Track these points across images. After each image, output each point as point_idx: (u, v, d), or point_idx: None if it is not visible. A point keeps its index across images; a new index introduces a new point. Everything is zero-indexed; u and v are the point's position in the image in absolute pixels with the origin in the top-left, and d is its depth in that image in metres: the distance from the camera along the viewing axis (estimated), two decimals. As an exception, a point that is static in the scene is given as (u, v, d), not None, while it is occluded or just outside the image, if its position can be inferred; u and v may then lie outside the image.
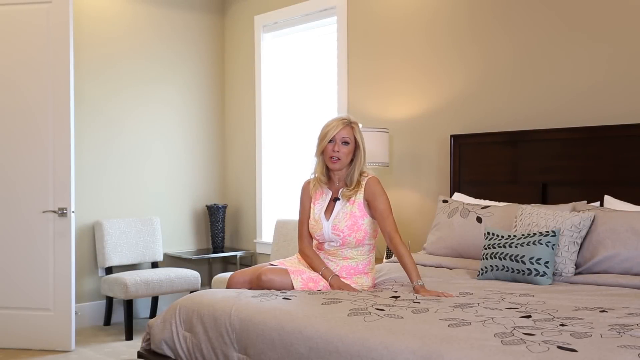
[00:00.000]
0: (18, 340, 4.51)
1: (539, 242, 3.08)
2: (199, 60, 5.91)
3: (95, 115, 5.28)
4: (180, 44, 5.78)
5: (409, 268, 2.99)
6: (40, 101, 4.48)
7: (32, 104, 4.49)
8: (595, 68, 3.63)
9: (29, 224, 4.49)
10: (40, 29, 4.47)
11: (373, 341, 2.14)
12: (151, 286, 4.90)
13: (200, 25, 5.92)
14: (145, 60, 5.56)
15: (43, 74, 4.47)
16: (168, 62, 5.70)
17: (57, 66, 4.46)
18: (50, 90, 4.46)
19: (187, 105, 5.83)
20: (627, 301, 2.58)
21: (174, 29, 5.73)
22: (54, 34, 4.45)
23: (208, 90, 5.98)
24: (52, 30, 4.46)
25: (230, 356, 2.57)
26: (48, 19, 4.46)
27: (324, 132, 3.14)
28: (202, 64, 5.94)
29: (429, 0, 4.41)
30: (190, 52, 5.85)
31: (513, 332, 2.12)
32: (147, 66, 5.57)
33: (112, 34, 5.37)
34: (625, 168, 3.44)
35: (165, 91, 5.68)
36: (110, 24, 5.36)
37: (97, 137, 5.29)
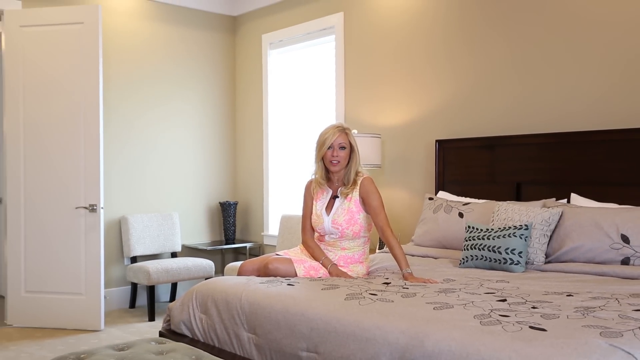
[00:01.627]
0: (54, 321, 4.53)
1: (513, 235, 3.10)
2: (213, 73, 5.92)
3: (121, 122, 5.29)
4: (196, 59, 5.78)
5: (399, 257, 3.00)
6: (73, 110, 4.49)
7: (67, 113, 4.50)
8: (563, 82, 3.64)
9: (63, 218, 4.51)
10: (74, 46, 4.49)
11: (367, 322, 2.15)
12: (171, 273, 4.91)
13: (214, 43, 5.92)
14: (165, 74, 5.56)
15: (76, 86, 4.49)
16: (185, 75, 5.71)
17: (88, 78, 4.47)
18: (82, 100, 4.48)
19: (202, 113, 5.83)
20: (590, 286, 2.60)
21: (191, 46, 5.74)
22: (85, 50, 4.47)
23: (221, 99, 5.99)
24: (84, 47, 4.47)
25: (241, 335, 2.58)
26: (80, 38, 4.48)
27: (322, 140, 3.14)
28: (215, 76, 5.94)
29: (410, 24, 4.42)
30: (205, 66, 5.85)
31: (490, 314, 2.13)
32: (167, 79, 5.58)
33: (136, 50, 5.38)
34: (589, 170, 3.45)
35: (182, 101, 5.68)
36: (134, 41, 5.37)
37: (123, 142, 5.29)
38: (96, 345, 3.86)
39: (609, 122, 3.45)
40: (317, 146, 3.16)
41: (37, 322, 4.56)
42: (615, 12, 3.41)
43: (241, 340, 2.57)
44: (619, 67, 3.41)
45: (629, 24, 3.36)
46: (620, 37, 3.39)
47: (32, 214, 4.56)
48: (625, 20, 3.37)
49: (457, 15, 4.18)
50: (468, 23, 4.11)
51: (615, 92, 3.42)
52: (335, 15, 5.01)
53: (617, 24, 3.40)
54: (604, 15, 3.46)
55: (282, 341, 2.38)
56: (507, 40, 3.90)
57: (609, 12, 3.43)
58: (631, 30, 3.35)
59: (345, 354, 2.14)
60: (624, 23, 3.38)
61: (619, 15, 3.40)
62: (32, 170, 4.55)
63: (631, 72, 3.36)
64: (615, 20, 3.41)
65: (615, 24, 3.41)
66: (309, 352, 2.28)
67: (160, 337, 2.60)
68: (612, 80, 3.44)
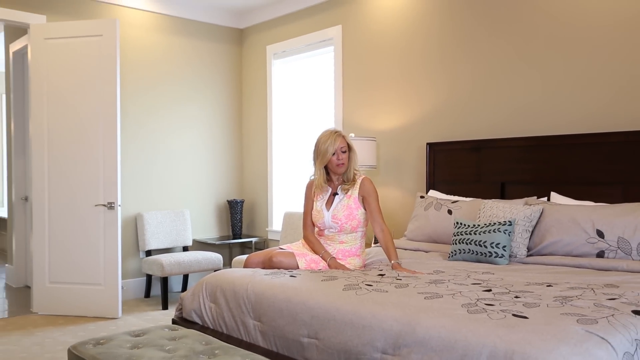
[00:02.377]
0: (76, 309, 4.54)
1: (498, 230, 3.10)
2: (221, 81, 5.92)
3: (137, 127, 5.29)
4: (206, 68, 5.79)
5: (390, 250, 3.03)
6: (93, 116, 4.50)
7: (87, 118, 4.51)
8: (543, 90, 3.64)
9: (84, 215, 4.52)
10: (93, 57, 4.50)
11: (363, 311, 2.16)
12: (182, 266, 4.92)
13: (223, 53, 5.93)
14: (177, 82, 5.57)
15: (95, 93, 4.50)
16: (196, 83, 5.71)
17: (107, 86, 4.48)
18: (101, 106, 4.49)
19: (211, 118, 5.84)
20: (568, 277, 2.60)
21: (202, 56, 5.74)
22: (104, 60, 4.48)
23: (228, 105, 5.99)
24: (103, 57, 4.48)
25: (247, 323, 2.59)
26: (100, 49, 4.49)
27: (324, 149, 3.10)
28: (223, 84, 5.94)
29: (403, 37, 4.43)
30: (214, 75, 5.86)
31: (477, 303, 2.13)
32: (179, 86, 5.58)
33: (151, 60, 5.38)
34: (567, 170, 3.45)
35: (193, 107, 5.69)
36: (149, 52, 5.37)
37: (138, 145, 5.30)
38: (114, 332, 3.87)
39: (585, 127, 3.46)
40: (320, 154, 3.13)
41: (60, 310, 4.57)
42: (593, 28, 3.41)
43: (247, 327, 2.58)
44: (595, 77, 3.41)
45: (604, 40, 3.36)
46: (596, 52, 3.40)
47: (56, 211, 4.57)
48: (601, 36, 3.38)
49: (446, 29, 4.18)
50: (457, 36, 4.12)
51: (591, 99, 3.43)
52: (334, 27, 5.01)
53: (594, 40, 3.41)
54: (582, 32, 3.46)
55: (285, 328, 2.38)
56: (492, 52, 3.91)
57: (587, 28, 3.44)
58: (606, 44, 3.36)
59: (343, 340, 2.15)
60: (600, 39, 3.38)
61: (596, 31, 3.40)
62: (56, 171, 4.56)
63: (605, 82, 3.36)
64: (592, 37, 3.42)
65: (592, 40, 3.42)
66: (309, 338, 2.29)
67: (173, 325, 2.61)
68: (588, 89, 3.44)
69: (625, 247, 2.84)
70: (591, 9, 3.41)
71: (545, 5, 3.63)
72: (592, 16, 3.41)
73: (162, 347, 2.23)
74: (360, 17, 4.81)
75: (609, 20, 3.34)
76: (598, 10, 3.39)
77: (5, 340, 3.90)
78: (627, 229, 2.85)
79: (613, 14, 3.33)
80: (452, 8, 4.14)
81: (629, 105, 3.28)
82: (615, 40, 3.32)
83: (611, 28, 3.34)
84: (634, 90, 3.26)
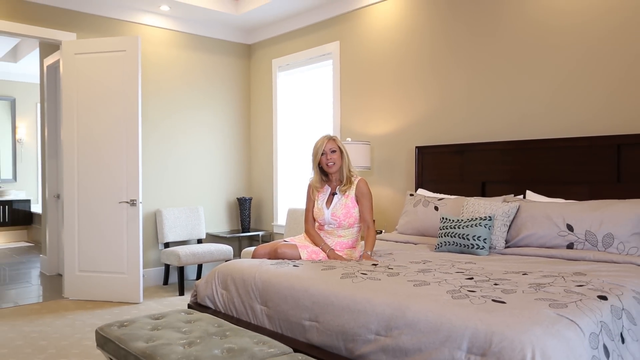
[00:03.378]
0: (102, 295, 4.55)
1: (479, 224, 3.11)
2: (232, 91, 5.93)
3: (156, 132, 5.30)
4: (218, 79, 5.79)
5: (368, 243, 3.06)
6: (117, 122, 4.51)
7: (112, 124, 4.52)
8: (519, 100, 3.65)
9: (109, 211, 4.53)
10: (118, 70, 4.51)
11: (359, 296, 2.16)
12: (197, 256, 4.92)
13: (233, 66, 5.93)
14: (192, 91, 5.57)
15: (119, 101, 4.50)
16: (209, 92, 5.71)
17: (129, 96, 4.48)
18: (124, 113, 4.49)
19: (223, 123, 5.84)
20: (541, 267, 2.61)
21: (214, 69, 5.74)
22: (127, 73, 4.48)
23: (238, 112, 5.99)
24: (126, 70, 4.49)
25: (255, 308, 2.59)
26: (123, 63, 4.49)
27: (315, 150, 3.14)
28: (234, 93, 5.95)
29: (394, 52, 4.43)
30: (226, 85, 5.86)
31: (460, 289, 2.14)
32: (194, 95, 5.58)
33: (168, 72, 5.39)
34: (541, 171, 3.46)
35: (206, 114, 5.69)
36: (167, 65, 5.37)
37: (158, 148, 5.31)
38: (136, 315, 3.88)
39: (556, 132, 3.46)
40: (313, 156, 3.17)
41: (88, 296, 4.58)
42: (562, 51, 3.42)
43: (255, 311, 2.59)
44: (565, 91, 3.42)
45: (572, 61, 3.37)
46: (564, 70, 3.40)
47: (84, 208, 4.57)
48: (569, 58, 3.38)
49: (433, 47, 4.18)
50: (443, 53, 4.12)
51: (561, 109, 3.43)
52: (333, 43, 5.01)
53: (563, 60, 3.41)
54: (552, 53, 3.47)
55: (289, 312, 2.39)
56: (474, 67, 3.91)
57: (557, 51, 3.44)
58: (574, 65, 3.36)
59: (340, 322, 2.15)
60: (568, 60, 3.39)
61: (565, 53, 3.41)
62: (84, 171, 4.57)
63: (573, 95, 3.37)
64: (561, 59, 3.42)
65: (561, 60, 3.42)
66: (311, 321, 2.29)
67: (188, 309, 2.62)
68: (558, 101, 3.45)
69: (592, 239, 2.85)
70: (560, 32, 3.42)
71: (520, 28, 3.63)
72: (563, 38, 3.42)
73: (179, 329, 2.24)
74: (356, 34, 4.81)
75: (579, 42, 3.35)
76: (568, 33, 3.39)
77: (40, 322, 3.91)
78: (594, 224, 2.86)
79: (582, 37, 3.33)
80: (438, 28, 4.14)
81: (594, 114, 3.29)
82: (582, 62, 3.33)
83: (580, 51, 3.34)
84: (599, 102, 3.26)
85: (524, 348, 1.61)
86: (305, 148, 5.42)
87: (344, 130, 4.90)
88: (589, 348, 1.70)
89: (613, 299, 2.01)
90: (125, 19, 5.05)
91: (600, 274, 2.40)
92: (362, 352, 2.05)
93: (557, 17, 3.44)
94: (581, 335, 1.71)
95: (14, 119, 8.65)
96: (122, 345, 2.11)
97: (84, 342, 3.46)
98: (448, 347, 1.78)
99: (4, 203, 8.17)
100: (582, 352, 1.67)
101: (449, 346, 1.78)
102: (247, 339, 2.08)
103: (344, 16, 4.91)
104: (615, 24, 3.19)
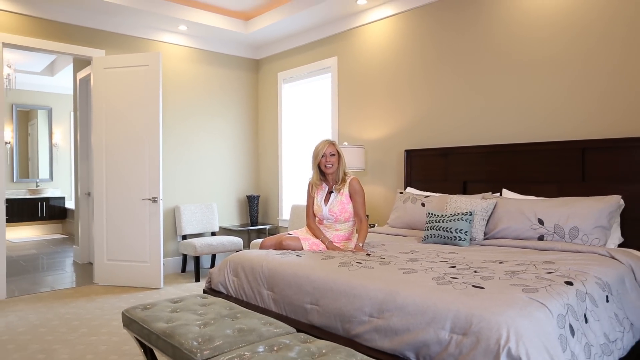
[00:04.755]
0: (128, 281, 4.55)
1: (461, 219, 3.11)
2: (242, 100, 5.92)
3: (175, 136, 5.29)
4: (231, 89, 5.79)
5: (360, 235, 3.05)
6: (140, 128, 4.51)
7: (136, 131, 4.52)
8: (495, 109, 3.65)
9: (134, 207, 4.53)
10: (141, 82, 4.51)
11: (354, 283, 2.16)
12: (211, 247, 4.92)
13: (243, 78, 5.92)
14: (206, 101, 5.57)
15: (142, 110, 4.50)
16: (221, 102, 5.71)
17: (151, 105, 4.48)
18: (147, 121, 4.49)
19: (234, 129, 5.84)
20: (516, 256, 2.61)
21: (226, 81, 5.74)
22: (149, 85, 4.48)
23: (247, 120, 5.99)
24: (149, 82, 4.49)
25: (262, 293, 2.59)
26: (146, 76, 4.49)
27: (316, 152, 3.13)
28: (244, 103, 5.94)
29: (385, 66, 4.43)
30: (237, 95, 5.86)
31: (444, 276, 2.14)
32: (208, 104, 5.58)
33: (185, 84, 5.38)
34: (515, 171, 3.46)
35: (219, 121, 5.69)
36: (185, 78, 5.37)
37: (176, 151, 5.30)
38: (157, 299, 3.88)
39: (528, 137, 3.46)
40: (313, 157, 3.16)
41: (116, 282, 4.58)
42: (529, 66, 3.42)
43: (262, 296, 2.59)
44: (534, 99, 3.41)
45: (541, 74, 3.37)
46: (534, 80, 3.40)
47: (112, 204, 4.57)
48: (537, 71, 3.38)
49: (418, 62, 4.18)
50: (428, 67, 4.12)
51: (532, 116, 3.43)
52: (331, 58, 5.01)
53: (533, 74, 3.41)
54: (522, 69, 3.47)
55: (292, 297, 2.39)
56: (456, 81, 3.91)
57: (525, 66, 3.44)
58: (542, 77, 3.36)
59: (338, 306, 2.15)
60: (537, 74, 3.39)
61: (532, 69, 3.41)
62: (112, 172, 4.57)
63: (542, 104, 3.37)
64: (529, 70, 3.42)
65: (531, 74, 3.42)
66: (312, 304, 2.29)
67: (203, 294, 2.62)
68: (530, 108, 3.45)
69: (560, 232, 2.85)
70: (533, 52, 3.42)
71: (496, 49, 3.63)
72: (536, 57, 3.42)
73: (195, 311, 2.24)
74: (352, 51, 4.81)
75: (550, 61, 3.35)
76: (539, 54, 3.39)
77: (74, 304, 3.91)
78: (561, 218, 2.86)
79: (552, 57, 3.33)
80: (426, 47, 4.14)
81: (563, 122, 3.28)
82: (552, 77, 3.33)
83: (550, 68, 3.34)
84: (566, 111, 3.26)
85: (500, 328, 1.61)
86: (306, 151, 5.42)
87: (341, 136, 4.90)
88: (557, 327, 1.70)
89: (578, 284, 2.01)
90: (148, 37, 5.05)
91: (567, 262, 2.40)
92: (357, 332, 2.05)
93: (529, 40, 3.44)
94: (550, 316, 1.71)
95: (51, 126, 8.66)
96: (145, 326, 2.11)
97: (112, 323, 3.46)
98: (433, 327, 1.78)
99: (41, 200, 8.19)
100: (550, 331, 1.67)
101: (434, 327, 1.78)
102: (256, 320, 2.08)
103: (341, 34, 4.91)
104: (581, 48, 3.19)
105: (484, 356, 1.60)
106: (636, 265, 2.48)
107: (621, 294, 2.25)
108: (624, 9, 3.02)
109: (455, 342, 1.70)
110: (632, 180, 2.91)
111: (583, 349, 1.78)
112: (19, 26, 4.31)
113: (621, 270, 2.36)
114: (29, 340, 3.12)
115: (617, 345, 2.01)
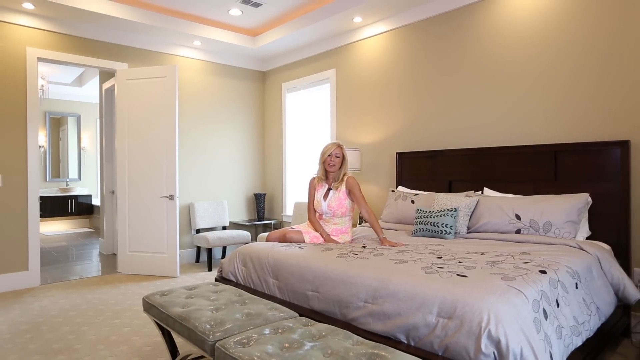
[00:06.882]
0: (148, 270, 4.55)
1: (447, 215, 3.11)
2: (250, 108, 5.92)
3: (190, 140, 5.29)
4: (240, 98, 5.78)
5: (376, 228, 2.99)
6: (159, 134, 4.50)
7: (155, 135, 4.51)
8: (477, 115, 3.65)
9: (153, 204, 4.52)
10: (159, 92, 4.50)
11: (351, 272, 2.17)
12: (222, 240, 4.92)
13: (250, 88, 5.92)
14: (218, 108, 5.56)
15: (160, 118, 4.49)
16: (231, 109, 5.70)
17: (168, 113, 4.48)
18: (165, 127, 4.49)
19: (243, 134, 5.83)
20: (496, 248, 2.61)
21: (235, 91, 5.73)
22: (167, 94, 4.48)
23: (254, 125, 5.98)
24: (166, 92, 4.48)
25: (268, 281, 2.60)
26: (164, 87, 4.48)
27: (324, 151, 3.13)
28: (251, 110, 5.94)
29: (379, 76, 4.43)
30: (245, 104, 5.85)
31: (431, 266, 2.14)
32: (219, 112, 5.58)
33: (199, 93, 5.38)
34: (495, 172, 3.46)
35: (229, 126, 5.68)
36: (199, 88, 5.37)
37: (191, 154, 5.30)
38: (174, 287, 3.89)
39: (507, 141, 3.46)
40: (321, 154, 3.15)
41: (137, 271, 4.58)
42: (510, 79, 3.41)
43: (268, 284, 2.59)
44: (513, 107, 3.41)
45: (516, 83, 3.36)
46: (512, 90, 3.40)
47: (133, 201, 4.57)
48: (517, 84, 3.38)
49: (408, 74, 4.18)
50: (417, 78, 4.12)
51: (511, 123, 3.43)
52: (330, 70, 5.00)
53: (509, 83, 3.41)
54: (500, 78, 3.46)
55: (295, 285, 2.39)
56: (444, 91, 3.91)
57: (503, 76, 3.44)
58: (518, 85, 3.36)
59: (336, 293, 2.16)
60: (513, 82, 3.38)
61: (510, 78, 3.40)
62: (133, 172, 4.56)
63: (519, 112, 3.36)
64: (508, 81, 3.42)
65: (508, 83, 3.42)
66: (312, 291, 2.29)
67: (215, 282, 2.62)
68: (508, 115, 3.44)
69: (535, 226, 2.85)
70: (511, 65, 3.41)
71: (479, 62, 3.63)
72: (513, 70, 3.41)
73: (208, 297, 2.24)
74: (349, 63, 4.80)
75: (525, 73, 3.34)
76: (517, 66, 3.39)
77: (100, 291, 3.91)
78: (536, 213, 2.86)
79: (528, 70, 3.33)
80: (415, 59, 4.13)
81: (537, 128, 3.28)
82: (528, 88, 3.32)
83: (527, 80, 3.34)
84: (540, 118, 3.26)
85: (481, 312, 1.61)
86: (308, 154, 5.42)
87: (339, 140, 4.89)
88: (532, 311, 1.71)
89: (551, 273, 2.01)
90: (166, 51, 5.04)
91: (541, 253, 2.40)
92: (353, 317, 2.05)
93: (508, 57, 3.44)
94: (526, 301, 1.71)
95: (80, 131, 8.67)
96: (163, 310, 2.11)
97: (133, 307, 3.46)
98: (422, 312, 1.79)
99: (71, 197, 8.20)
100: (526, 315, 1.67)
101: (422, 311, 1.78)
102: (262, 306, 2.08)
103: (339, 49, 4.90)
104: (551, 59, 3.19)
105: (467, 337, 1.60)
106: (602, 256, 2.48)
107: (589, 281, 2.25)
108: (600, 27, 3.02)
109: (442, 325, 1.70)
110: (599, 179, 2.91)
111: (555, 331, 1.78)
112: (51, 42, 4.31)
113: (589, 260, 2.37)
114: (61, 322, 3.13)
115: (585, 327, 2.02)
